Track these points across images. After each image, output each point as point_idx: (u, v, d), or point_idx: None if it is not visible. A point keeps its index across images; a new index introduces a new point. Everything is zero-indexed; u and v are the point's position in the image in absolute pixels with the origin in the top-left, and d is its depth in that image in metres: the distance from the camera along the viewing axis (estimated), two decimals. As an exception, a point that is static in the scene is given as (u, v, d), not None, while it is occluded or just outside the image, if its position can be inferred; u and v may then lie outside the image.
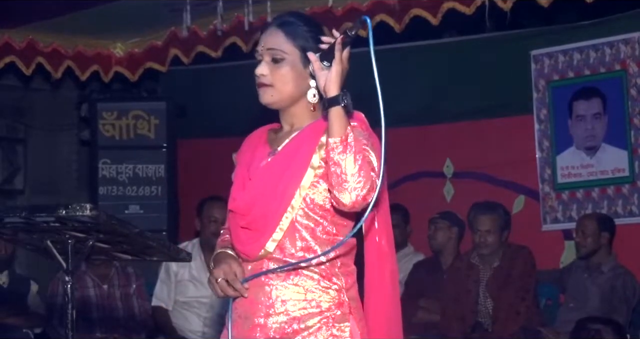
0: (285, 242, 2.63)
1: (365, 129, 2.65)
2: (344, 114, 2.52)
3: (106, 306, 6.21)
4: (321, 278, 2.64)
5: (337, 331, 2.62)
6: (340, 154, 2.49)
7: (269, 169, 2.65)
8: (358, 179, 2.48)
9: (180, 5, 6.27)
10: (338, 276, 2.66)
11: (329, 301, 2.63)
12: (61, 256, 2.57)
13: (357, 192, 2.48)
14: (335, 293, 2.64)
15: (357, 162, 2.49)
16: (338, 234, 2.66)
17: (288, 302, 2.63)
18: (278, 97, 2.70)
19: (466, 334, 5.93)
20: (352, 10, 5.99)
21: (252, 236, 2.65)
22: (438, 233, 6.40)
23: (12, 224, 2.56)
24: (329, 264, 2.65)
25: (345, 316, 2.64)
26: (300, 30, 2.73)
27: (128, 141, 7.74)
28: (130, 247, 2.63)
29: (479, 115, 6.93)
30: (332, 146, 2.50)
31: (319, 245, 2.64)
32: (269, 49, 2.71)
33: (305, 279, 2.63)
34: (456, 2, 5.63)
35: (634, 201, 6.36)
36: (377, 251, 2.73)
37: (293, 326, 2.62)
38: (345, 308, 2.65)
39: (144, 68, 7.07)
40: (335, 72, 2.56)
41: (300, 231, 2.63)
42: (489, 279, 5.95)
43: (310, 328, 2.62)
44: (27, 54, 6.70)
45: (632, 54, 6.38)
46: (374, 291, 2.73)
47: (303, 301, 2.62)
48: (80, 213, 2.42)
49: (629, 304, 5.87)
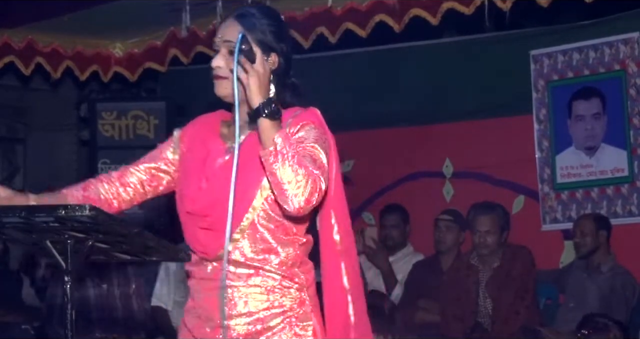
0: (245, 244, 2.63)
1: (318, 125, 2.63)
2: (270, 124, 2.47)
3: (105, 306, 6.21)
4: (282, 277, 2.64)
5: (300, 330, 2.64)
6: (273, 164, 2.45)
7: (228, 168, 2.60)
8: (296, 185, 2.45)
9: (180, 5, 6.27)
10: (298, 274, 2.67)
11: (290, 300, 2.64)
12: (60, 256, 2.57)
13: (299, 198, 2.45)
14: (297, 292, 2.65)
15: (291, 167, 2.44)
16: (297, 234, 2.67)
17: (250, 303, 2.63)
18: (232, 89, 2.62)
19: (466, 334, 5.93)
20: (352, 10, 5.99)
21: (212, 236, 2.64)
22: (447, 236, 6.37)
23: (11, 224, 2.56)
24: (290, 264, 2.65)
25: (307, 314, 2.66)
26: (259, 23, 2.68)
27: (127, 141, 7.73)
28: (129, 247, 2.63)
29: (479, 115, 6.93)
30: (264, 158, 2.47)
31: (280, 245, 2.64)
32: (226, 41, 2.67)
33: (267, 279, 2.63)
34: (455, 2, 5.63)
35: (633, 201, 6.36)
36: (332, 248, 2.72)
37: (257, 326, 2.63)
38: (307, 306, 2.66)
39: (144, 68, 7.07)
40: (252, 83, 2.49)
41: (261, 232, 2.63)
42: (489, 280, 5.95)
43: (274, 328, 2.63)
44: (26, 54, 6.69)
45: (632, 54, 6.38)
46: (330, 288, 2.73)
47: (266, 302, 2.63)
48: (80, 213, 2.42)
49: (628, 304, 5.87)
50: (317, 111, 2.69)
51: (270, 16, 2.74)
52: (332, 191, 2.68)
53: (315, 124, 2.63)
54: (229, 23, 2.71)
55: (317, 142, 2.58)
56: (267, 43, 2.66)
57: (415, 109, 7.16)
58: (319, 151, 2.56)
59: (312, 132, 2.60)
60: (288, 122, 2.61)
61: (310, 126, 2.61)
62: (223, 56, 2.66)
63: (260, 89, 2.49)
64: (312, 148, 2.55)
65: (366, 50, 7.18)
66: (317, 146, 2.57)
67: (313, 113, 2.67)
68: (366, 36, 6.05)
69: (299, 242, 2.68)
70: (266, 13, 2.74)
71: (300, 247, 2.68)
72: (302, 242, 2.69)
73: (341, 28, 6.00)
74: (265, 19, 2.70)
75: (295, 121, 2.62)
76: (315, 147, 2.56)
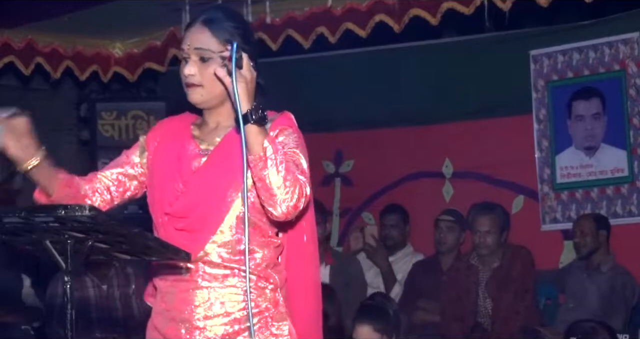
0: (221, 250, 2.63)
1: (295, 130, 2.66)
2: (258, 130, 2.47)
3: (105, 306, 6.21)
4: (258, 278, 2.65)
5: (276, 330, 2.65)
6: (262, 169, 2.46)
7: (206, 171, 2.62)
8: (285, 190, 2.47)
9: (180, 5, 6.27)
10: (272, 275, 2.68)
11: (265, 301, 2.65)
12: (60, 257, 2.57)
13: (287, 204, 2.48)
14: (271, 293, 2.67)
15: (280, 173, 2.46)
16: (272, 236, 2.69)
17: (227, 303, 2.63)
18: (208, 96, 2.67)
19: (465, 334, 5.93)
20: (351, 10, 5.99)
21: (190, 238, 2.64)
22: (449, 237, 6.37)
23: (11, 224, 2.56)
24: (264, 265, 2.66)
25: (282, 314, 2.67)
26: (226, 26, 2.68)
27: (127, 141, 7.72)
28: (129, 248, 2.63)
29: (478, 115, 6.93)
30: (253, 163, 2.48)
31: (257, 247, 2.65)
32: (196, 49, 2.66)
33: (243, 280, 2.62)
34: (455, 2, 5.63)
35: (633, 201, 6.36)
36: (301, 249, 2.74)
37: (234, 327, 2.63)
38: (282, 306, 2.68)
39: (143, 68, 7.07)
40: (240, 89, 2.48)
41: (240, 233, 2.62)
42: (489, 280, 5.95)
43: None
44: (26, 54, 6.69)
45: (631, 54, 6.38)
46: (297, 288, 2.75)
47: (242, 302, 2.63)
48: (80, 213, 2.42)
49: (628, 303, 5.87)
50: (291, 115, 2.72)
51: (236, 19, 2.74)
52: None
53: (293, 128, 2.66)
54: (197, 29, 2.69)
55: (298, 148, 2.61)
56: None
57: (415, 109, 7.16)
58: (299, 156, 2.59)
59: (291, 137, 2.62)
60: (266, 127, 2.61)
61: (288, 131, 2.63)
62: (195, 63, 2.66)
63: (248, 94, 2.50)
64: (293, 153, 2.58)
65: (366, 50, 7.18)
66: (298, 151, 2.60)
67: (288, 117, 2.70)
68: (366, 36, 6.05)
69: (273, 244, 2.70)
70: (231, 16, 2.73)
71: (274, 249, 2.69)
72: (276, 244, 2.70)
73: (341, 28, 6.01)
74: (232, 22, 2.70)
75: (272, 125, 2.63)
76: (296, 152, 2.59)
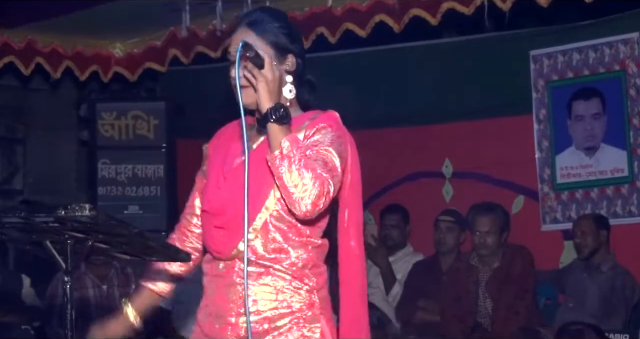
0: (257, 243, 2.63)
1: (335, 128, 2.65)
2: (278, 128, 2.50)
3: (105, 306, 6.21)
4: (292, 278, 2.64)
5: (307, 332, 2.64)
6: (279, 167, 2.48)
7: (243, 168, 2.61)
8: (303, 188, 2.47)
9: (180, 5, 6.28)
10: (309, 276, 2.67)
11: (300, 302, 2.64)
12: (60, 257, 2.57)
13: (305, 201, 2.48)
14: (307, 294, 2.65)
15: (299, 171, 2.47)
16: (311, 236, 2.67)
17: (259, 302, 2.63)
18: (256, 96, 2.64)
19: (466, 334, 5.93)
20: (352, 10, 5.99)
21: (226, 235, 2.65)
22: (448, 237, 6.37)
23: (11, 224, 2.56)
24: (300, 266, 2.65)
25: (316, 316, 2.66)
26: (271, 27, 2.70)
27: (127, 141, 7.73)
28: (129, 248, 2.63)
29: (478, 115, 6.93)
30: (271, 161, 2.50)
31: (292, 247, 2.64)
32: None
33: (277, 279, 2.63)
34: (455, 2, 5.64)
35: (633, 201, 6.36)
36: (348, 252, 2.74)
37: (264, 325, 2.63)
38: (316, 308, 2.66)
39: (143, 68, 7.08)
40: (261, 89, 2.53)
41: (274, 232, 2.63)
42: (489, 280, 5.95)
43: (281, 328, 2.63)
44: (26, 54, 6.70)
45: (631, 54, 6.38)
46: (345, 291, 2.74)
47: (274, 301, 2.63)
48: (80, 213, 2.42)
49: (628, 303, 5.87)
50: (335, 114, 2.71)
51: (280, 19, 2.76)
52: (345, 193, 2.71)
53: (333, 127, 2.64)
54: (242, 31, 2.70)
55: (332, 145, 2.59)
56: (282, 45, 2.69)
57: (415, 109, 7.16)
58: (332, 154, 2.58)
59: (328, 135, 2.61)
60: (304, 125, 2.64)
61: (326, 129, 2.62)
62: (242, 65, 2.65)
63: (270, 94, 2.52)
64: (325, 151, 2.57)
65: (366, 50, 7.18)
66: (331, 149, 2.58)
67: (331, 116, 2.69)
68: (366, 36, 6.05)
69: (312, 245, 2.68)
70: (276, 16, 2.75)
71: (313, 250, 2.67)
72: (315, 244, 2.68)
73: (341, 28, 6.01)
74: (276, 23, 2.72)
75: (312, 123, 2.64)
76: (328, 150, 2.58)
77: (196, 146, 9.56)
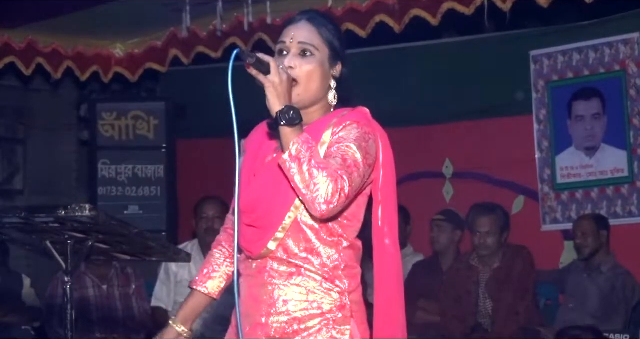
0: (288, 242, 2.60)
1: (364, 124, 2.62)
2: (290, 131, 2.47)
3: (105, 306, 6.21)
4: (324, 279, 2.61)
5: (337, 334, 2.60)
6: (290, 169, 2.46)
7: (274, 166, 2.59)
8: (315, 188, 2.44)
9: (180, 5, 6.28)
10: (341, 278, 2.63)
11: (330, 303, 2.61)
12: (61, 257, 2.58)
13: (318, 201, 2.45)
14: (338, 295, 2.62)
15: (309, 172, 2.44)
16: (344, 236, 2.64)
17: (290, 302, 2.61)
18: (304, 95, 2.63)
19: (466, 335, 5.93)
20: (352, 11, 6.00)
21: (256, 234, 2.62)
22: (441, 236, 6.38)
23: (11, 224, 2.57)
24: (332, 266, 2.62)
25: (347, 319, 2.62)
26: (329, 28, 2.68)
27: (127, 141, 7.74)
28: (129, 248, 2.64)
29: (479, 115, 6.93)
30: (282, 164, 2.48)
31: (323, 246, 2.61)
32: (300, 43, 2.64)
33: (308, 280, 2.61)
34: (456, 2, 5.64)
35: (633, 201, 6.36)
36: (382, 251, 2.71)
37: (293, 326, 2.61)
38: (347, 310, 2.62)
39: (144, 69, 7.08)
40: (269, 94, 2.50)
41: (305, 231, 2.60)
42: (489, 281, 5.95)
43: (310, 329, 2.60)
44: (26, 54, 6.70)
45: (632, 55, 6.38)
46: (381, 292, 2.72)
47: (305, 302, 2.61)
48: (80, 214, 2.43)
49: (628, 304, 5.87)
50: (364, 110, 2.69)
51: (332, 21, 2.74)
52: (378, 191, 2.68)
53: (360, 123, 2.61)
54: (302, 25, 2.66)
55: (356, 141, 2.56)
56: (336, 49, 2.68)
57: (415, 109, 7.16)
58: (354, 151, 2.54)
59: (354, 131, 2.58)
60: (332, 122, 2.61)
61: (352, 126, 2.60)
62: (295, 56, 2.63)
63: (279, 98, 2.49)
64: (346, 148, 2.54)
65: (366, 50, 7.18)
66: (353, 145, 2.55)
67: (360, 112, 2.67)
68: (366, 36, 6.05)
69: (343, 245, 2.64)
70: (329, 18, 2.74)
71: (344, 251, 2.64)
72: (345, 245, 2.65)
73: (341, 28, 6.00)
74: (332, 25, 2.71)
75: (339, 120, 2.62)
76: (350, 146, 2.54)
77: (196, 146, 9.59)
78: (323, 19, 2.71)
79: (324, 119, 2.65)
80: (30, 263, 7.73)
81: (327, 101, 2.68)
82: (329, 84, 2.67)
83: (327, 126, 2.62)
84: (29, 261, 7.75)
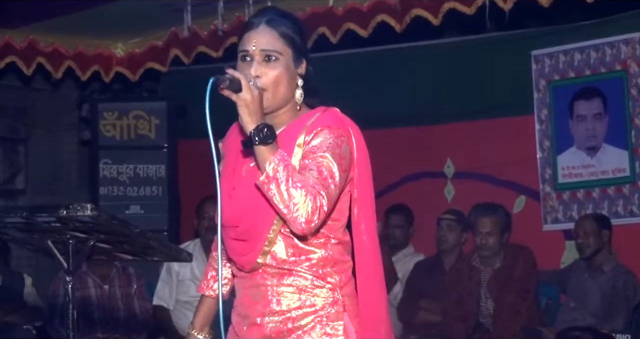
0: (276, 251, 2.62)
1: (335, 128, 2.59)
2: (265, 149, 2.46)
3: (107, 306, 6.21)
4: (314, 277, 2.63)
5: (330, 330, 2.62)
6: (268, 191, 2.45)
7: (252, 177, 2.58)
8: (294, 208, 2.44)
9: (181, 5, 6.28)
10: (332, 274, 2.65)
11: (323, 300, 2.63)
12: (62, 256, 2.58)
13: (299, 220, 2.45)
14: (329, 292, 2.64)
15: (287, 192, 2.43)
16: (330, 235, 2.65)
17: (283, 301, 2.63)
18: (272, 100, 2.61)
19: (467, 334, 5.93)
20: (353, 10, 5.99)
21: (244, 247, 2.63)
22: (450, 235, 6.37)
23: (12, 224, 2.57)
24: (322, 265, 2.64)
25: (340, 314, 2.64)
26: (289, 27, 2.65)
27: (129, 141, 7.74)
28: (131, 248, 2.64)
29: (480, 115, 6.93)
30: (260, 186, 2.48)
31: (311, 249, 2.63)
32: (263, 50, 2.62)
33: (299, 279, 2.62)
34: (457, 2, 5.64)
35: (635, 201, 6.36)
36: (361, 248, 2.72)
37: (288, 325, 2.62)
38: (339, 306, 2.64)
39: (145, 68, 7.08)
40: (242, 113, 2.50)
41: (290, 238, 2.60)
42: (490, 280, 5.95)
43: (304, 327, 2.62)
44: (27, 54, 6.70)
45: (633, 54, 6.38)
46: (362, 286, 2.72)
47: (297, 301, 2.62)
48: (81, 213, 2.43)
49: (629, 303, 5.87)
50: (336, 111, 2.67)
51: (293, 19, 2.71)
52: (353, 189, 2.67)
53: (332, 128, 2.59)
54: (262, 30, 2.63)
55: (329, 150, 2.54)
56: (299, 48, 2.66)
57: (417, 109, 7.16)
58: (328, 160, 2.53)
59: (327, 139, 2.57)
60: (306, 126, 2.60)
61: (324, 132, 2.58)
62: (259, 65, 2.61)
63: (251, 116, 2.49)
64: (321, 158, 2.53)
65: (367, 50, 7.18)
66: (328, 154, 2.53)
67: (329, 115, 2.64)
68: (367, 36, 6.05)
69: (331, 243, 2.65)
70: (289, 16, 2.71)
71: (332, 248, 2.65)
72: (334, 242, 2.66)
73: (342, 28, 6.01)
74: (291, 23, 2.68)
75: (312, 125, 2.60)
76: (324, 156, 2.53)
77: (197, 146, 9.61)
78: (282, 18, 2.67)
79: (295, 122, 2.63)
80: (31, 263, 7.75)
81: (294, 100, 2.67)
82: (296, 82, 2.66)
83: (300, 130, 2.60)
84: (30, 261, 7.77)
